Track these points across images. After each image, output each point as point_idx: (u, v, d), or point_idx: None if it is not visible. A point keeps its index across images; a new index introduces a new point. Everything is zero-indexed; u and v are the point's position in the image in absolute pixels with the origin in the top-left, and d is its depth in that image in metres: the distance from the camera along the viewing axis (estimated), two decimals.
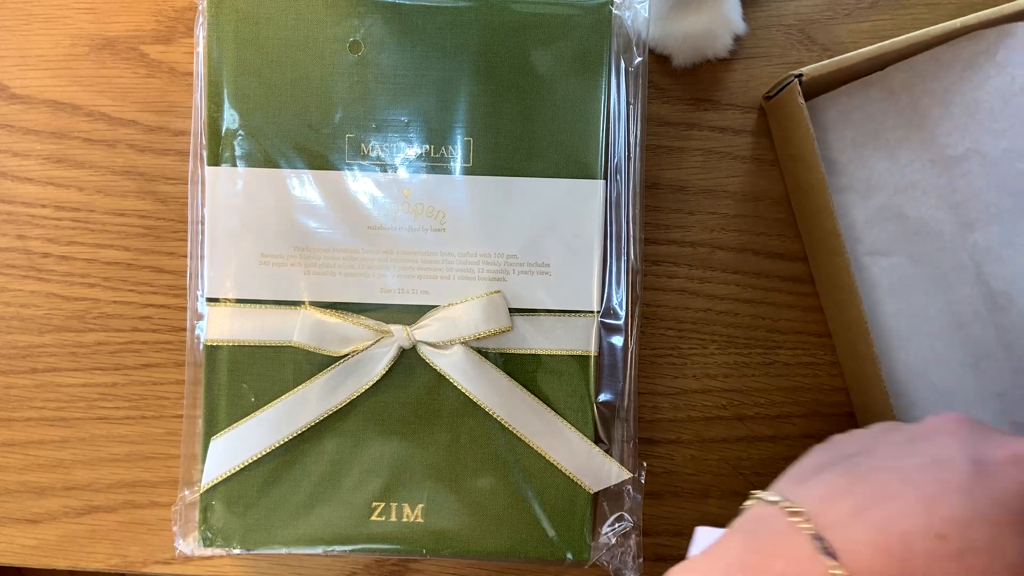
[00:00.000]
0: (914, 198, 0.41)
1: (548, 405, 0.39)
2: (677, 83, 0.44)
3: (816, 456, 0.31)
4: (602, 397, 0.40)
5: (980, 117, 0.40)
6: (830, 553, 0.27)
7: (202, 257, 0.40)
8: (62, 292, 0.44)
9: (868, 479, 0.28)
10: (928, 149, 0.40)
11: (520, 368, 0.39)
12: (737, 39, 0.43)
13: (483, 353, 0.39)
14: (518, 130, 0.39)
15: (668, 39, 0.42)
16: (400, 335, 0.39)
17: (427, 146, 0.39)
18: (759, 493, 0.30)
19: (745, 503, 0.30)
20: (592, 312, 0.39)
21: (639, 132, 0.40)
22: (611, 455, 0.40)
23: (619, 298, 0.40)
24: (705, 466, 0.44)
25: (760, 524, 0.29)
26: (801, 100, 0.38)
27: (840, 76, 0.40)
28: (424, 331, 0.39)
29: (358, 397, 0.39)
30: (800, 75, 0.38)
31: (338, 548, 0.39)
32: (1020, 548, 0.26)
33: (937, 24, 0.38)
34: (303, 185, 0.39)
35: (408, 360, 0.39)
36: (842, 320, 0.41)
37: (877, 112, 0.41)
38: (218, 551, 0.40)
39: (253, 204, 0.39)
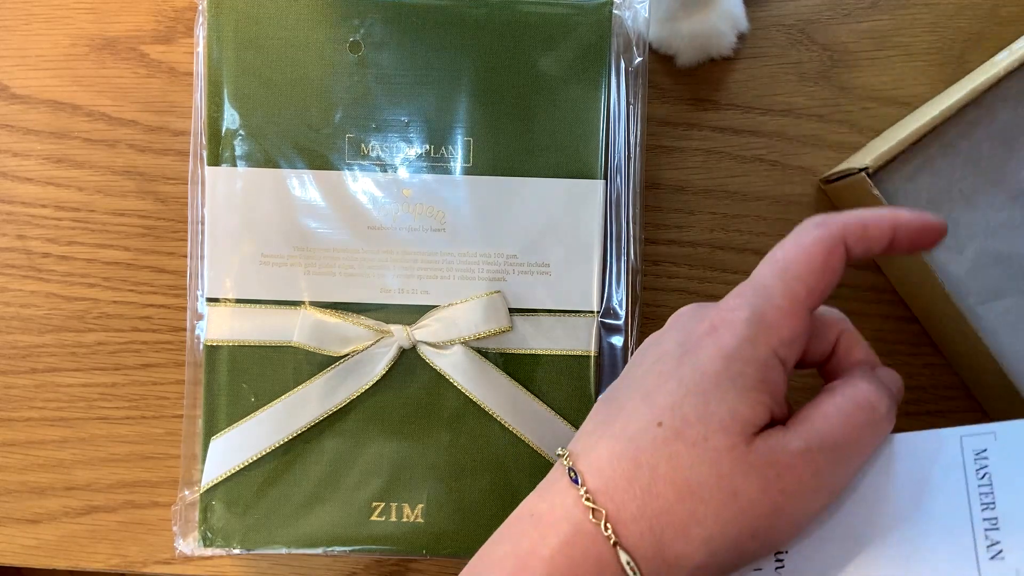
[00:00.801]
0: (1007, 237, 0.40)
1: (548, 405, 0.39)
2: (677, 83, 0.44)
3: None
4: None
5: None
6: (575, 479, 0.28)
7: (202, 257, 0.40)
8: (62, 292, 0.44)
9: (615, 400, 0.29)
10: (1004, 188, 0.40)
11: (520, 368, 0.39)
12: (739, 39, 0.43)
13: (483, 353, 0.39)
14: (518, 130, 0.39)
15: (674, 39, 0.42)
16: (400, 335, 0.39)
17: (427, 146, 0.39)
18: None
19: None
20: (592, 312, 0.39)
21: (639, 132, 0.40)
22: None
23: (619, 298, 0.40)
24: None
25: (552, 472, 0.30)
26: (876, 191, 0.38)
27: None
28: (424, 331, 0.39)
29: (358, 397, 0.39)
30: (866, 168, 0.38)
31: (338, 548, 0.39)
32: (728, 405, 0.27)
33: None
34: (303, 185, 0.39)
35: (408, 360, 0.39)
36: (977, 374, 0.41)
37: (942, 168, 0.40)
38: (218, 551, 0.40)
39: (253, 204, 0.39)
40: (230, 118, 0.39)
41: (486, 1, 0.39)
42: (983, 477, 0.27)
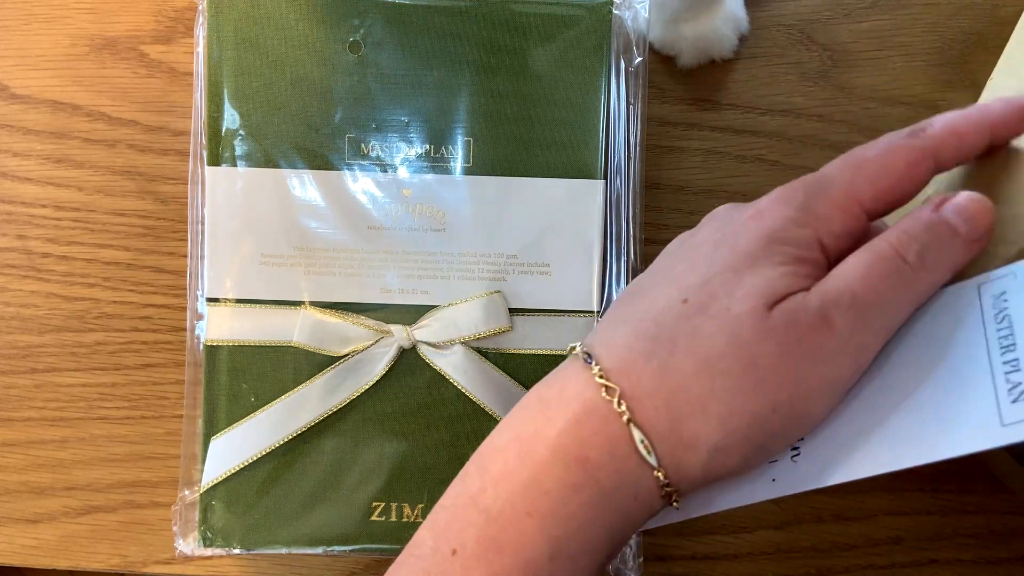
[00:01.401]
0: None
1: None
2: (677, 83, 0.44)
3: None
4: None
5: None
6: (588, 359, 0.27)
7: (202, 257, 0.40)
8: (62, 292, 0.44)
9: (638, 290, 0.28)
10: None
11: (520, 368, 0.39)
12: (739, 40, 0.43)
13: (483, 353, 0.39)
14: (518, 130, 0.39)
15: (677, 40, 0.42)
16: (400, 335, 0.39)
17: (427, 146, 0.39)
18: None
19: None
20: (592, 312, 0.39)
21: (639, 132, 0.40)
22: None
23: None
24: None
25: (556, 368, 0.29)
26: None
27: None
28: (424, 331, 0.39)
29: (358, 397, 0.39)
30: None
31: (338, 548, 0.39)
32: (759, 274, 0.25)
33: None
34: (303, 185, 0.39)
35: (408, 360, 0.39)
36: None
37: None
38: (218, 551, 0.40)
39: (253, 204, 0.39)
40: (230, 118, 0.39)
41: (486, 1, 0.39)
42: (1002, 321, 0.25)
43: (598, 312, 0.39)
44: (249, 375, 0.39)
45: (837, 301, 0.25)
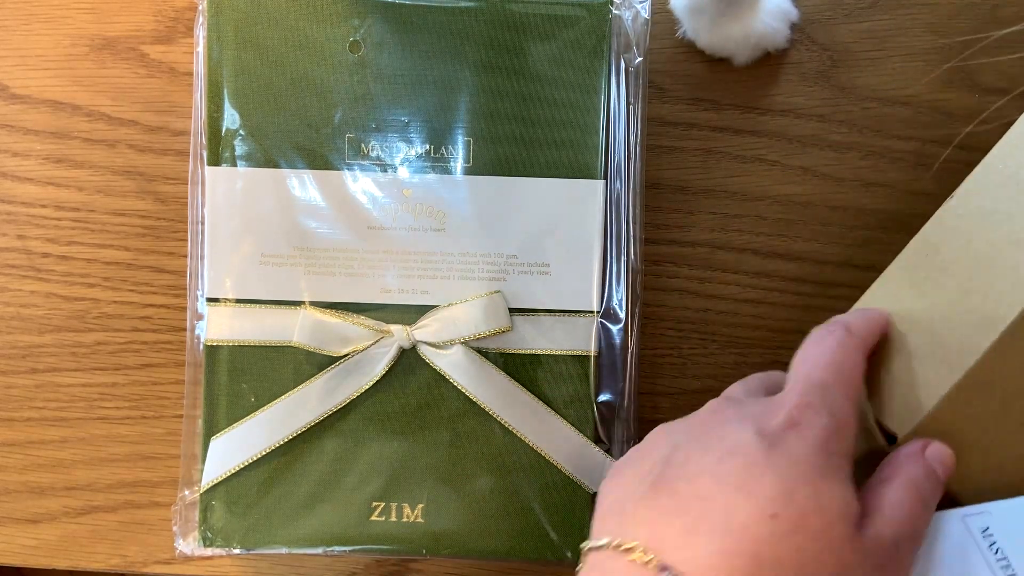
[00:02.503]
0: None
1: (548, 405, 0.39)
2: (677, 83, 0.44)
3: (615, 487, 0.30)
4: (602, 397, 0.40)
5: None
6: None
7: (202, 257, 0.40)
8: (62, 292, 0.44)
9: (681, 491, 0.27)
10: None
11: (520, 368, 0.39)
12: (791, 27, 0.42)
13: (483, 353, 0.39)
14: (518, 130, 0.39)
15: (727, 42, 0.42)
16: (400, 335, 0.39)
17: (427, 146, 0.39)
18: (587, 543, 0.29)
19: (581, 559, 0.29)
20: (592, 312, 0.39)
21: (639, 132, 0.40)
22: (611, 455, 0.40)
23: (619, 298, 0.40)
24: None
25: (601, 572, 0.27)
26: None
27: None
28: (424, 331, 0.39)
29: (358, 397, 0.39)
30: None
31: (338, 548, 0.39)
32: (839, 496, 0.27)
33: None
34: (303, 185, 0.39)
35: (408, 360, 0.39)
36: None
37: None
38: (218, 551, 0.40)
39: (253, 204, 0.39)
40: (230, 118, 0.39)
41: (486, 1, 0.39)
42: (996, 552, 0.30)
43: (598, 312, 0.39)
44: (249, 375, 0.39)
45: (901, 535, 0.28)
